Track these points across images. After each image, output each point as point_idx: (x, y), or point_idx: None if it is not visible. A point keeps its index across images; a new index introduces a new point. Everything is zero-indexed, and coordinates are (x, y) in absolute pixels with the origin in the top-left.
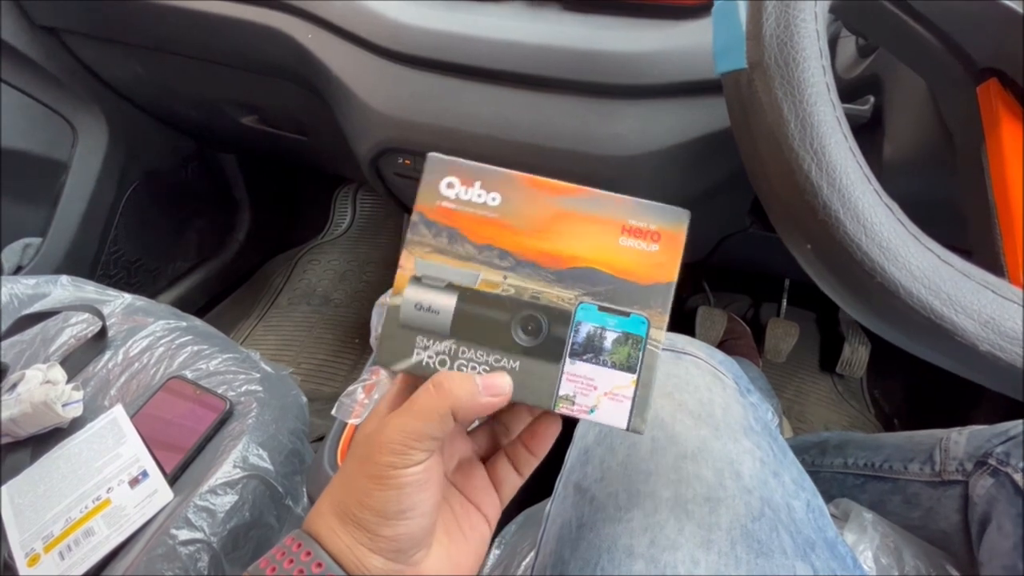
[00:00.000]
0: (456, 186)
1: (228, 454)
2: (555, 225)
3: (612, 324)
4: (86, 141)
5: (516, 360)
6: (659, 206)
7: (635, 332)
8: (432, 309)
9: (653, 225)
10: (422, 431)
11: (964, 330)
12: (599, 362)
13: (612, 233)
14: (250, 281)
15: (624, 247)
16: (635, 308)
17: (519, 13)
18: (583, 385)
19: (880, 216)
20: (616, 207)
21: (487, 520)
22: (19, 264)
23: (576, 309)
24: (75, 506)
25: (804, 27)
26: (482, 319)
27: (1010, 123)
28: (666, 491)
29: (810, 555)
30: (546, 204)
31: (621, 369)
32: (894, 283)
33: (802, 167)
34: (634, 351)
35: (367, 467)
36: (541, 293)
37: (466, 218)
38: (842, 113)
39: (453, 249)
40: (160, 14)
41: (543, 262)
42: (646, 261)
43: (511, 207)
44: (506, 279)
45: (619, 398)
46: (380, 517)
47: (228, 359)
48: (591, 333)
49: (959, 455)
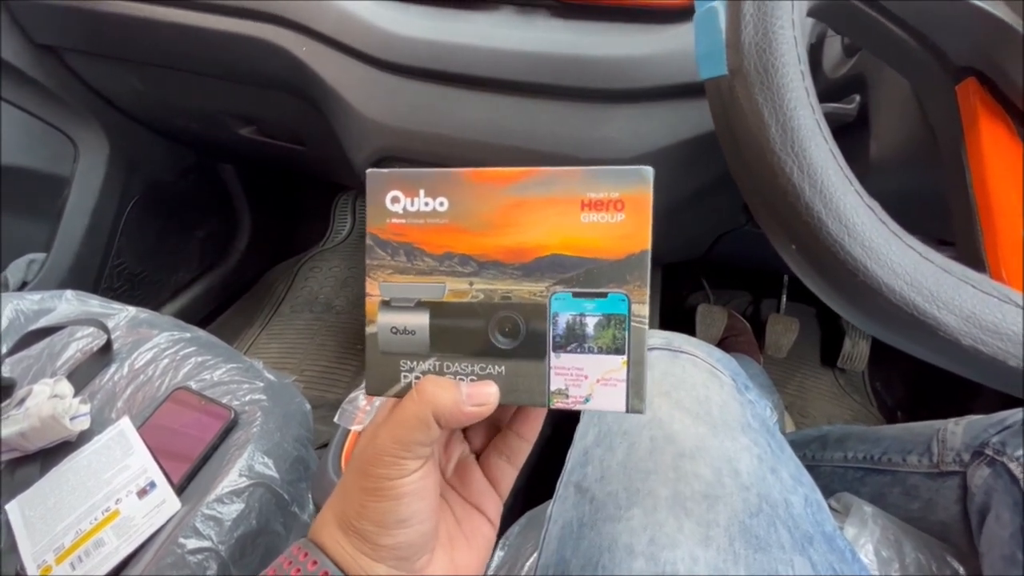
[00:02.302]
0: (401, 199)
1: (234, 463)
2: (511, 217)
3: (590, 308)
4: (87, 156)
5: (501, 364)
6: (616, 170)
7: (616, 312)
8: (407, 330)
9: (614, 193)
10: (408, 439)
11: (946, 325)
12: (585, 350)
13: (571, 212)
14: (252, 290)
15: (587, 224)
16: (611, 287)
17: (509, 20)
18: (573, 376)
19: (862, 216)
20: (570, 182)
21: (489, 520)
22: (24, 280)
23: (550, 300)
24: (85, 518)
25: (782, 33)
26: (458, 330)
27: (988, 121)
28: (665, 489)
29: (808, 549)
30: (496, 197)
31: (609, 352)
32: (877, 281)
33: (784, 170)
34: (619, 332)
35: (363, 480)
36: (511, 292)
37: (418, 230)
38: (822, 116)
39: (413, 265)
40: (156, 30)
41: (506, 259)
42: (614, 233)
43: (461, 208)
44: (472, 285)
45: (612, 382)
46: (380, 527)
47: (232, 369)
48: (570, 322)
49: (956, 446)
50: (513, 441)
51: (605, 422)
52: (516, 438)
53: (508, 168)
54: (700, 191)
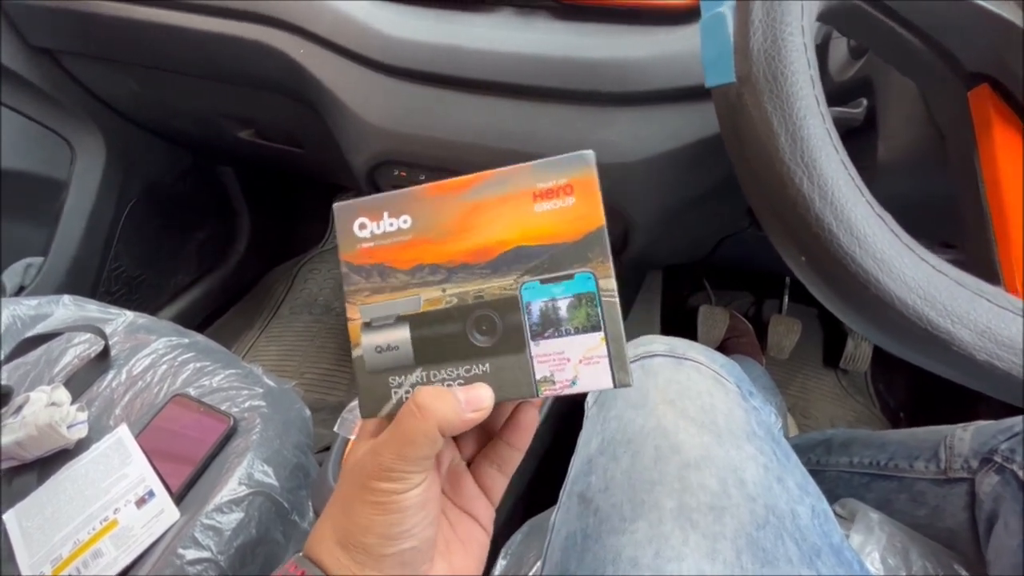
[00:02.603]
0: (367, 224)
1: (233, 471)
2: (470, 221)
3: (560, 292)
4: (84, 159)
5: (484, 363)
6: (559, 159)
7: (585, 290)
8: (391, 347)
9: (562, 179)
10: (413, 454)
11: (961, 340)
12: (562, 333)
13: (525, 204)
14: (251, 292)
15: (542, 212)
16: (575, 267)
17: (509, 22)
18: (556, 361)
19: (873, 228)
20: (519, 178)
21: (482, 527)
22: (21, 284)
23: (520, 291)
24: (83, 528)
25: (791, 40)
26: (438, 337)
27: (1002, 128)
28: (670, 501)
29: (816, 562)
30: (454, 205)
31: (586, 332)
32: (889, 295)
33: (793, 180)
34: (591, 309)
35: (366, 495)
36: (482, 290)
37: (387, 250)
38: (832, 125)
39: (387, 284)
40: (153, 32)
41: (473, 260)
42: (568, 217)
43: (423, 222)
44: (445, 291)
45: (595, 359)
46: (384, 539)
47: (231, 375)
48: (543, 308)
49: (964, 452)
50: (504, 450)
51: (609, 430)
52: (507, 447)
53: (460, 177)
54: (703, 195)
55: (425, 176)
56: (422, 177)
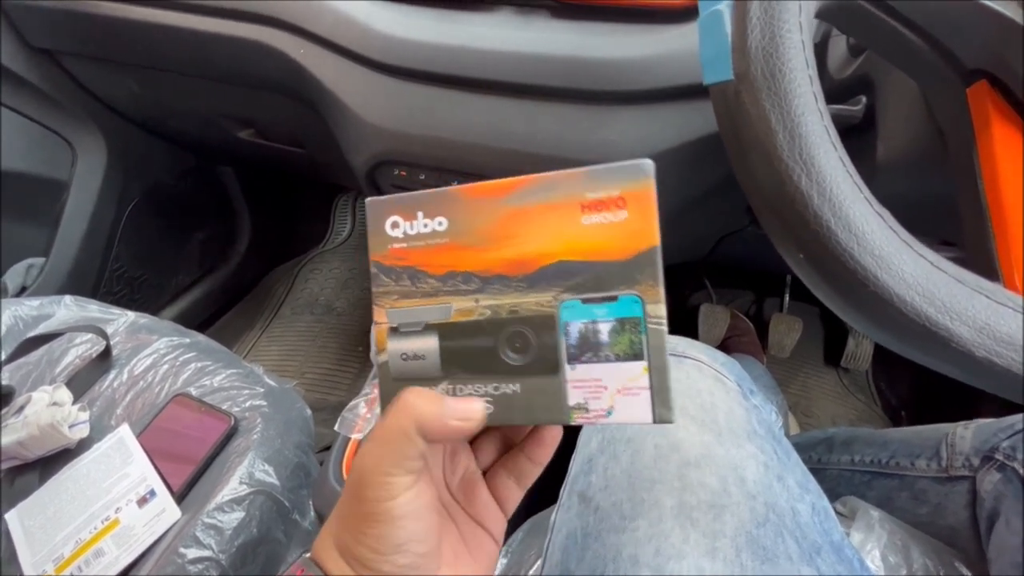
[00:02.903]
0: (400, 224)
1: (234, 471)
2: (510, 228)
3: (602, 314)
4: (85, 160)
5: (515, 382)
6: (614, 167)
7: (630, 315)
8: (417, 355)
9: (614, 191)
10: (393, 455)
11: (960, 337)
12: (601, 359)
13: (572, 215)
14: (252, 292)
15: (590, 225)
16: (622, 289)
17: (509, 22)
18: (592, 388)
19: (872, 225)
20: (567, 185)
21: (493, 538)
22: (23, 285)
23: (559, 310)
24: (85, 527)
25: (789, 38)
26: (468, 350)
27: (1001, 125)
28: (670, 499)
29: (816, 560)
30: (494, 209)
31: (627, 359)
32: (888, 291)
33: (792, 178)
34: (635, 336)
35: (356, 504)
36: (518, 305)
37: (420, 252)
38: (830, 122)
39: (418, 288)
40: (153, 33)
41: (510, 271)
42: (619, 233)
43: (460, 225)
44: (478, 302)
45: (634, 391)
46: (377, 554)
47: (232, 375)
48: (583, 331)
49: (965, 450)
50: (523, 463)
51: (609, 429)
52: (527, 461)
53: (503, 179)
54: (703, 193)
55: (425, 176)
56: (422, 176)
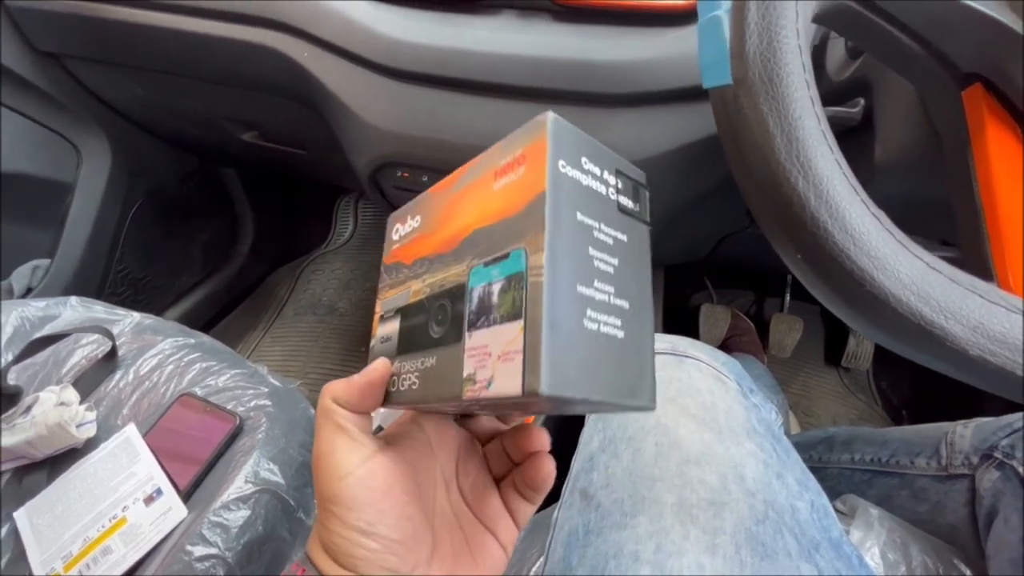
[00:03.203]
0: (399, 228)
1: (240, 469)
2: (451, 210)
3: (496, 274)
4: (90, 162)
5: (432, 356)
6: (519, 130)
7: (516, 270)
8: (387, 338)
9: (518, 151)
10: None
11: (954, 335)
12: (491, 322)
13: (487, 185)
14: (256, 293)
15: (499, 189)
16: (512, 244)
17: (510, 25)
18: (479, 357)
19: (868, 226)
20: (488, 159)
21: (502, 546)
22: (29, 286)
23: (468, 276)
24: (92, 525)
25: (786, 43)
26: (412, 328)
27: (995, 128)
28: (671, 496)
29: (815, 556)
30: (446, 198)
31: (509, 319)
32: (884, 291)
33: (789, 180)
34: (518, 292)
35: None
36: (444, 279)
37: (403, 248)
38: (827, 126)
39: (396, 279)
40: (157, 36)
41: (444, 248)
42: (517, 188)
43: (426, 219)
44: (424, 282)
45: (510, 356)
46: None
47: (236, 375)
48: (481, 294)
49: (965, 448)
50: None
51: (610, 427)
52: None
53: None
54: (703, 194)
55: (428, 178)
56: (424, 178)
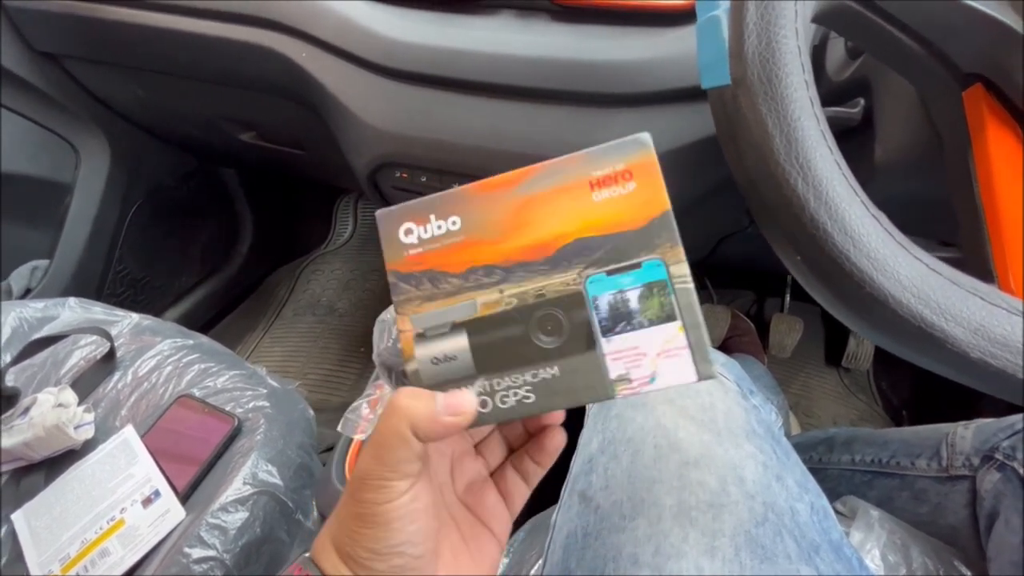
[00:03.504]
0: (414, 230)
1: (238, 471)
2: (524, 216)
3: (628, 282)
4: (89, 163)
5: (552, 366)
6: (613, 144)
7: (655, 279)
8: (448, 357)
9: (619, 165)
10: (389, 458)
11: (955, 338)
12: (635, 327)
13: (582, 195)
14: (255, 293)
15: (601, 201)
16: (642, 255)
17: (509, 25)
18: (631, 358)
19: (868, 227)
20: (573, 168)
21: (497, 539)
22: (28, 287)
23: (585, 285)
24: (90, 527)
25: (785, 43)
26: (500, 342)
27: (996, 128)
28: (670, 499)
29: (815, 558)
30: (505, 201)
31: (661, 323)
32: (884, 293)
33: (788, 181)
34: (664, 298)
35: (353, 506)
36: (544, 288)
37: (436, 254)
38: (827, 126)
39: (440, 290)
40: (156, 36)
41: (531, 257)
42: (630, 203)
43: (473, 221)
44: (503, 292)
45: (674, 352)
46: (373, 554)
47: (235, 376)
48: (612, 302)
49: (965, 450)
50: (528, 464)
51: (609, 429)
52: (532, 464)
53: (509, 172)
54: (702, 195)
55: (427, 178)
56: (423, 179)
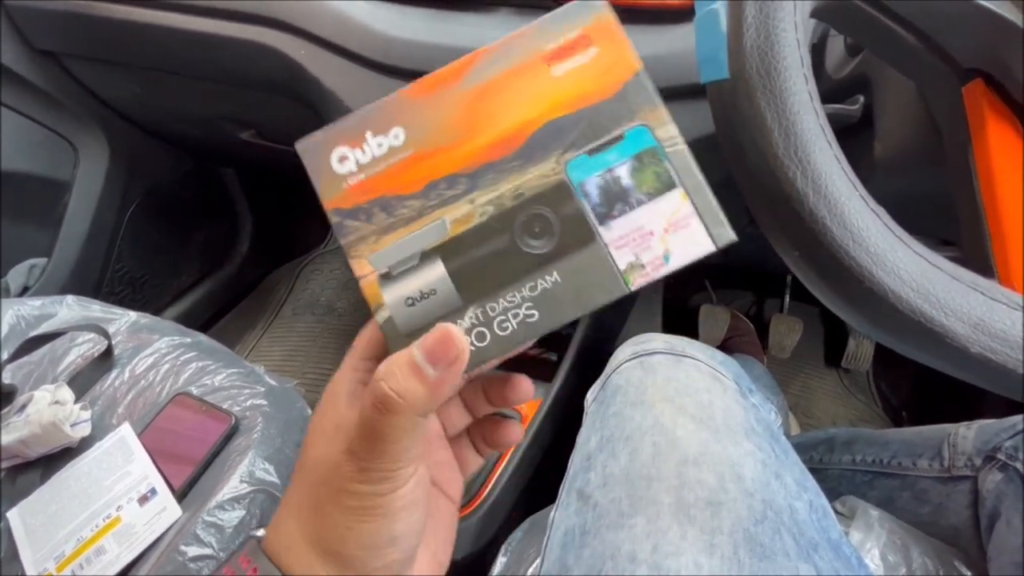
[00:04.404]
0: (348, 155)
1: (235, 469)
2: (478, 110)
3: (614, 159)
4: (88, 161)
5: (550, 272)
6: (559, 11)
7: (644, 147)
8: (425, 293)
9: (572, 33)
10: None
11: (954, 333)
12: (633, 205)
13: (539, 72)
14: (254, 293)
15: (563, 76)
16: (623, 125)
17: (508, 23)
18: (637, 240)
19: (867, 222)
20: (520, 45)
21: (453, 502)
22: (25, 285)
23: (566, 172)
24: (86, 525)
25: (784, 37)
26: (483, 260)
27: (996, 123)
28: (668, 496)
29: (813, 556)
30: (452, 99)
31: (660, 194)
32: (883, 288)
33: (787, 175)
34: (658, 166)
35: (343, 498)
36: (520, 186)
37: (385, 177)
38: (826, 120)
39: (397, 217)
40: (155, 35)
41: (497, 155)
42: (596, 71)
43: (420, 130)
44: (475, 202)
45: (681, 223)
46: (368, 550)
47: (233, 374)
48: (601, 184)
49: (967, 450)
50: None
51: (608, 427)
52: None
53: (449, 64)
54: None
55: None
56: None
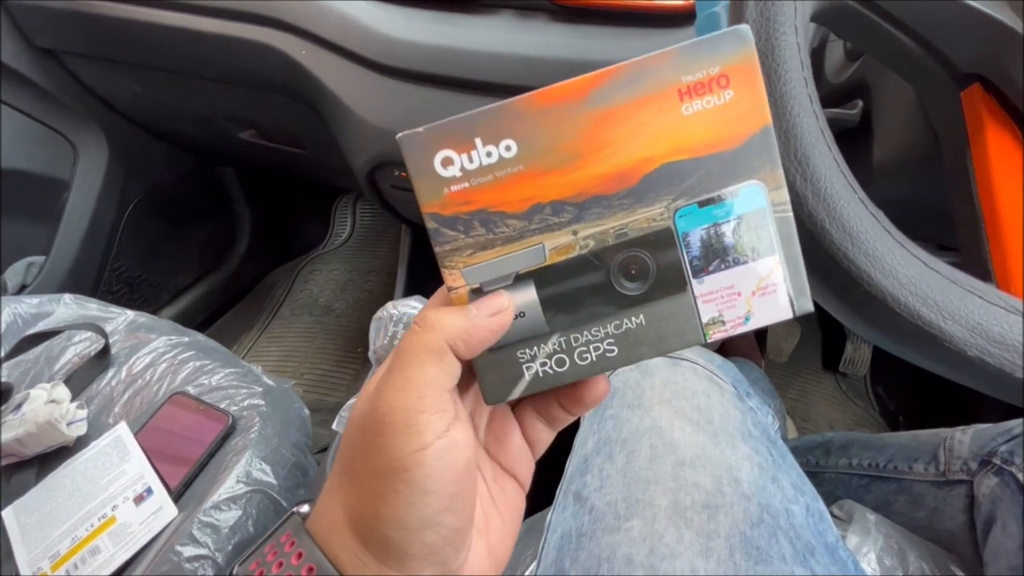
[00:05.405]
0: (455, 159)
1: (231, 469)
2: (599, 136)
3: (723, 214)
4: (87, 159)
5: (637, 314)
6: (708, 39)
7: (754, 208)
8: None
9: (714, 68)
10: (422, 383)
11: (952, 336)
12: (730, 264)
13: (670, 107)
14: (252, 293)
15: (692, 115)
16: (739, 180)
17: (509, 24)
18: (725, 298)
19: (866, 225)
20: (658, 71)
21: (522, 487)
22: (23, 283)
23: (674, 220)
24: (81, 524)
25: (785, 40)
26: (576, 292)
27: (994, 128)
28: (664, 499)
29: (809, 560)
30: (573, 117)
31: (758, 258)
32: (881, 291)
33: (787, 178)
34: (762, 229)
35: (369, 460)
36: (625, 226)
37: (489, 189)
38: (825, 124)
39: (497, 235)
40: (155, 33)
41: (609, 189)
42: (725, 117)
43: (533, 146)
44: (577, 233)
45: (769, 289)
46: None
47: (230, 374)
48: (704, 238)
49: (963, 454)
50: (556, 411)
51: (605, 429)
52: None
53: (577, 78)
54: None
55: None
56: None
